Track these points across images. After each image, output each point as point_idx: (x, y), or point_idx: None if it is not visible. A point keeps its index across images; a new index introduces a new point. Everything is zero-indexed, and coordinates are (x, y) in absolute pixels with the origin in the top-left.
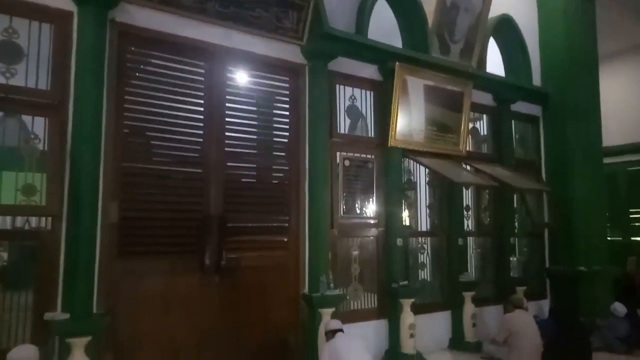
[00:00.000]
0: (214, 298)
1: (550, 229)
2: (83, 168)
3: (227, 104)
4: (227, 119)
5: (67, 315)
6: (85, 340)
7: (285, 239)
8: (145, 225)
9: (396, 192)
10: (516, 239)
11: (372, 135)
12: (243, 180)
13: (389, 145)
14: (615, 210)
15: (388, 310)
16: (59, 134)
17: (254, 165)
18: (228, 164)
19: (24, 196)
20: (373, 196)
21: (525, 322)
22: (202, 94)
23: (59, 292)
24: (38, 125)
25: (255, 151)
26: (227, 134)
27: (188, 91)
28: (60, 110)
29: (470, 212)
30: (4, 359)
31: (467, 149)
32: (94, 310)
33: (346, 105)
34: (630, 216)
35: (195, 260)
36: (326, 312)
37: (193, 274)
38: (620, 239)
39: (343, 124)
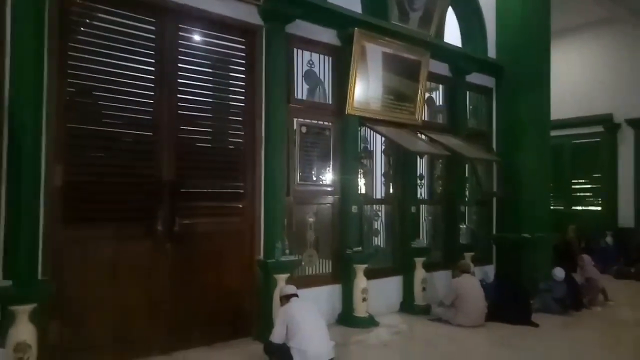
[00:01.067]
0: (166, 265)
1: (498, 198)
2: (23, 128)
3: (180, 65)
4: (179, 80)
5: (9, 283)
6: (29, 307)
7: (241, 205)
8: (94, 190)
9: (352, 160)
10: (466, 207)
11: (330, 102)
12: (197, 144)
13: (346, 112)
14: (559, 181)
15: (342, 276)
16: None
17: (209, 130)
18: (181, 127)
19: None
20: (330, 164)
21: (471, 285)
22: (152, 52)
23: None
24: None
25: (210, 115)
26: (179, 96)
27: (138, 49)
28: None
29: (423, 181)
30: None
31: (423, 118)
32: (39, 277)
33: (304, 71)
34: (573, 187)
35: (147, 227)
36: (281, 278)
37: (144, 241)
38: (562, 208)
39: (301, 90)
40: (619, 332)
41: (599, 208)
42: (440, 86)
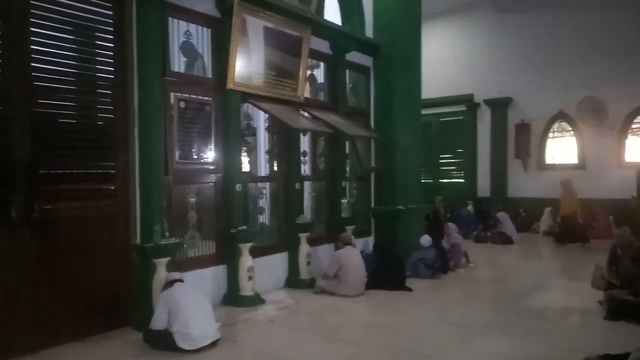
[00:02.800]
0: (24, 255)
1: (376, 173)
2: None
3: (33, 29)
4: (32, 47)
5: None
6: None
7: (113, 187)
8: None
9: (235, 137)
10: (347, 182)
11: (210, 77)
12: (59, 120)
13: (227, 87)
14: (428, 156)
15: (227, 256)
16: None
17: (73, 104)
18: (38, 100)
19: None
20: (211, 141)
21: (353, 256)
22: None
23: None
24: None
25: (72, 87)
26: (34, 64)
27: None
28: None
29: (307, 158)
30: None
31: (305, 95)
32: None
33: (181, 42)
34: (440, 161)
35: None
36: (161, 262)
37: None
38: (431, 181)
39: (177, 63)
40: (479, 288)
41: (462, 180)
42: (322, 64)
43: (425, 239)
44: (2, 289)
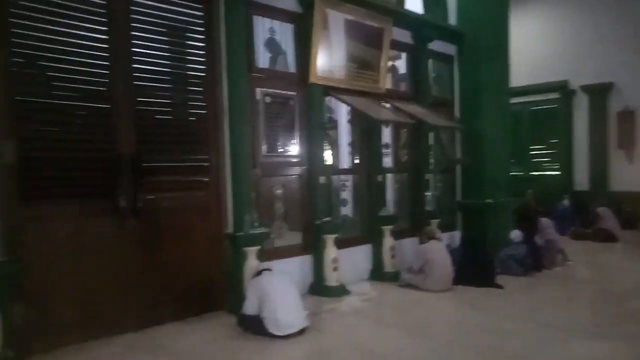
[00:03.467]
0: (131, 241)
1: (462, 165)
2: None
3: (134, 33)
4: (134, 50)
5: None
6: None
7: (206, 179)
8: (50, 167)
9: (318, 130)
10: (431, 175)
11: (293, 71)
12: (157, 116)
13: (309, 81)
14: (518, 147)
15: (312, 246)
16: None
17: (168, 101)
18: (139, 98)
19: None
20: (295, 134)
21: (438, 251)
22: (105, 20)
23: None
24: None
25: (168, 85)
26: (135, 66)
27: (88, 16)
28: None
29: (389, 150)
30: None
31: (387, 87)
32: None
33: (265, 39)
34: (531, 152)
35: (109, 203)
36: (251, 251)
37: (107, 218)
38: (522, 173)
39: (262, 59)
40: (576, 289)
41: (557, 172)
42: (403, 54)
43: (515, 234)
44: (113, 272)
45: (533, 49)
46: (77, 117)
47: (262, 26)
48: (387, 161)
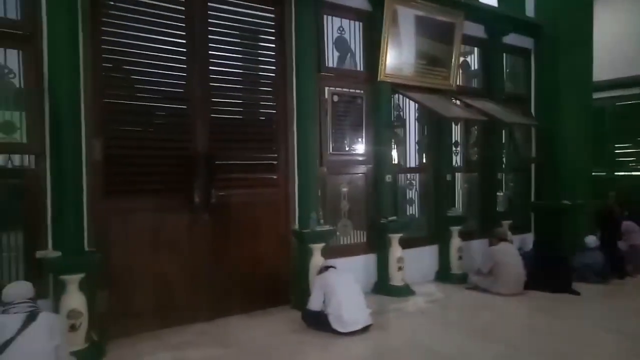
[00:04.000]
0: (204, 235)
1: (536, 164)
2: (62, 104)
3: (210, 36)
4: (210, 52)
5: (58, 253)
6: (78, 277)
7: (275, 176)
8: (131, 163)
9: (386, 128)
10: (503, 174)
11: (362, 69)
12: (230, 116)
13: (378, 79)
14: (601, 146)
15: (377, 245)
16: (34, 67)
17: (240, 101)
18: (213, 99)
19: (4, 134)
20: (362, 133)
21: (509, 253)
22: (183, 25)
23: (48, 231)
24: (12, 60)
25: (240, 86)
26: (211, 68)
27: (168, 22)
28: (33, 42)
29: (459, 148)
30: None
31: (457, 83)
32: (85, 248)
33: (334, 38)
34: (615, 151)
35: (184, 199)
36: (317, 248)
37: (183, 212)
38: (604, 173)
39: (331, 58)
40: None
41: None
42: (475, 49)
43: (591, 240)
44: (187, 264)
45: (619, 40)
46: (157, 117)
47: (332, 25)
48: (457, 160)
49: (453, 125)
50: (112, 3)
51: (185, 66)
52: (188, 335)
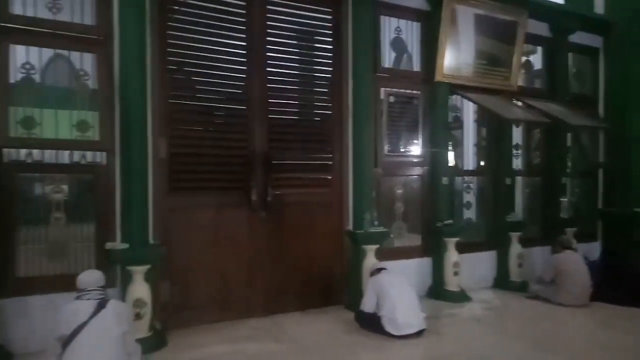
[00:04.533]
0: (260, 232)
1: (605, 169)
2: (131, 104)
3: (269, 38)
4: (268, 54)
5: (126, 245)
6: (143, 268)
7: (329, 177)
8: (193, 162)
9: (442, 129)
10: (568, 179)
11: (418, 70)
12: (286, 117)
13: (435, 80)
14: None
15: (432, 249)
16: (106, 70)
17: (296, 102)
18: (270, 100)
19: (79, 132)
20: (418, 134)
21: (574, 262)
22: (243, 27)
23: (117, 224)
24: (87, 63)
25: (296, 87)
26: (269, 69)
27: (229, 25)
28: (106, 46)
29: (519, 151)
30: (72, 283)
31: (519, 83)
32: (151, 241)
33: (391, 38)
34: None
35: (242, 196)
36: (370, 249)
37: (240, 210)
38: None
39: (388, 58)
40: None
41: None
42: (539, 48)
43: None
44: (244, 260)
45: None
46: (217, 117)
47: (389, 26)
48: (517, 163)
49: (514, 127)
50: (177, 8)
51: (244, 68)
52: (244, 330)
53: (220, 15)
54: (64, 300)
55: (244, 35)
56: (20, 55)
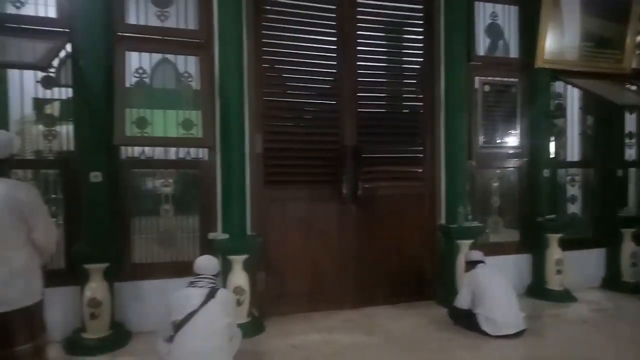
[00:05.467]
0: (351, 226)
1: None
2: (230, 103)
3: (359, 32)
4: (358, 48)
5: (226, 236)
6: (242, 257)
7: (420, 170)
8: (286, 156)
9: (543, 118)
10: None
11: (516, 56)
12: (375, 110)
13: (535, 66)
14: None
15: (532, 245)
16: (208, 71)
17: (385, 95)
18: (359, 94)
19: (184, 130)
20: (516, 124)
21: None
22: (334, 23)
23: (218, 215)
24: (190, 65)
25: (385, 80)
26: (359, 63)
27: (320, 21)
28: (207, 49)
29: (633, 140)
30: (180, 270)
31: (633, 66)
32: (248, 232)
33: (486, 24)
34: None
35: (333, 190)
36: (464, 244)
37: (331, 203)
38: None
39: (482, 46)
40: None
41: None
42: None
43: None
44: (335, 252)
45: None
46: (309, 113)
47: (483, 12)
48: (630, 153)
49: (626, 114)
50: (270, 7)
51: (335, 63)
52: (335, 321)
53: (311, 12)
54: (172, 285)
55: (334, 30)
56: (134, 60)
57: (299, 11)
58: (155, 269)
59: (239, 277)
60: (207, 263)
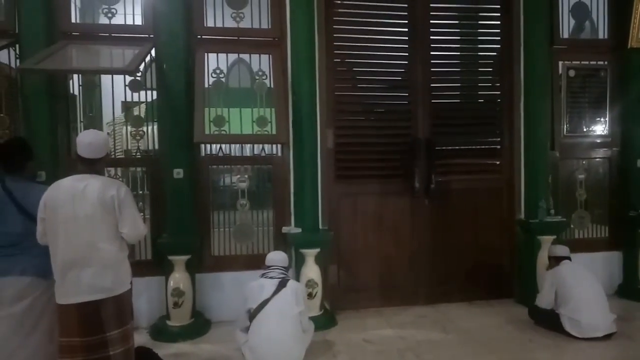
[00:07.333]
0: (424, 220)
1: None
2: (302, 100)
3: (432, 21)
4: (432, 37)
5: (299, 230)
6: (314, 251)
7: (498, 162)
8: (357, 150)
9: (637, 104)
10: None
11: (605, 38)
12: (449, 101)
13: (628, 47)
14: None
15: (623, 242)
16: (281, 69)
17: (459, 85)
18: (432, 85)
19: (259, 127)
20: (605, 111)
21: None
22: (405, 13)
23: (291, 210)
24: (264, 64)
25: (459, 69)
26: (432, 53)
27: (392, 12)
28: (280, 47)
29: None
30: (255, 262)
31: None
32: (320, 226)
33: (570, 5)
34: None
35: (405, 184)
36: (546, 240)
37: (403, 197)
38: None
39: (566, 27)
40: None
41: None
42: None
43: None
44: (408, 246)
45: None
46: (380, 106)
47: None
48: None
49: None
50: (340, 2)
51: (406, 54)
52: (408, 316)
53: (381, 4)
54: (248, 277)
55: (406, 21)
56: (212, 62)
57: (369, 3)
58: (233, 261)
59: (311, 270)
60: (277, 256)
